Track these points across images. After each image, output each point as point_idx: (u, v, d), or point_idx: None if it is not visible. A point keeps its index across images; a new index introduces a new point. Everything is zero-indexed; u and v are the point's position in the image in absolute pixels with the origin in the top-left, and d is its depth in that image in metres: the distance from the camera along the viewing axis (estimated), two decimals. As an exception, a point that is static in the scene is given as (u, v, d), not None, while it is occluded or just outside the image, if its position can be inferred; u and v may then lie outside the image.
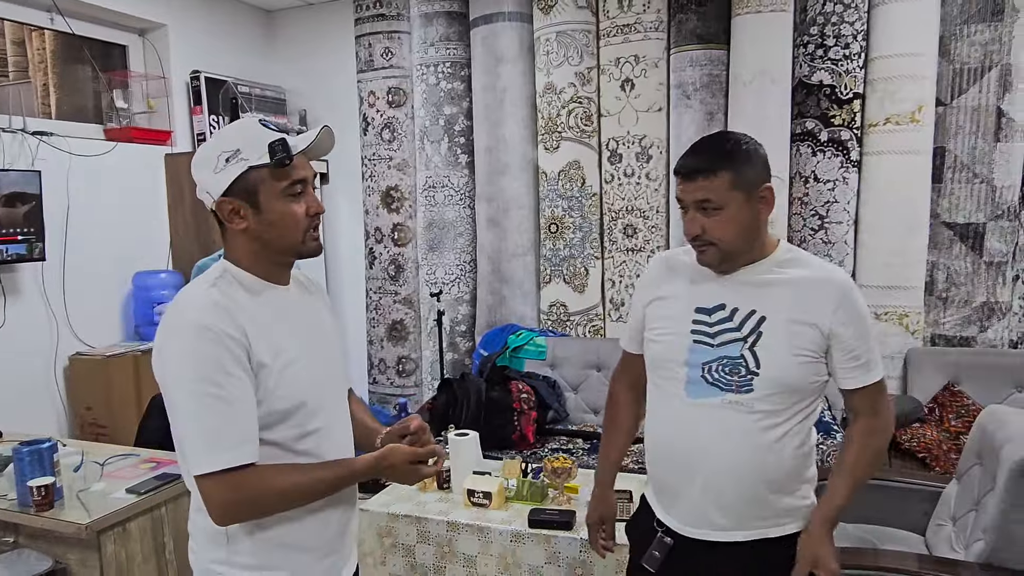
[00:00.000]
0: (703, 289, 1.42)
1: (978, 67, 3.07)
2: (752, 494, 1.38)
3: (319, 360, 1.26)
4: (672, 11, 3.49)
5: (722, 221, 1.34)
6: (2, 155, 3.06)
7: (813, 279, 1.37)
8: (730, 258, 1.38)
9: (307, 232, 1.21)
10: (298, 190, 1.19)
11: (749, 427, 1.35)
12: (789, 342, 1.34)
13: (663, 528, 1.49)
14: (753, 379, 1.35)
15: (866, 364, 1.38)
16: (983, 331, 3.18)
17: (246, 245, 1.20)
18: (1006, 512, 1.82)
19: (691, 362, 1.40)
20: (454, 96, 3.98)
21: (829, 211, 3.29)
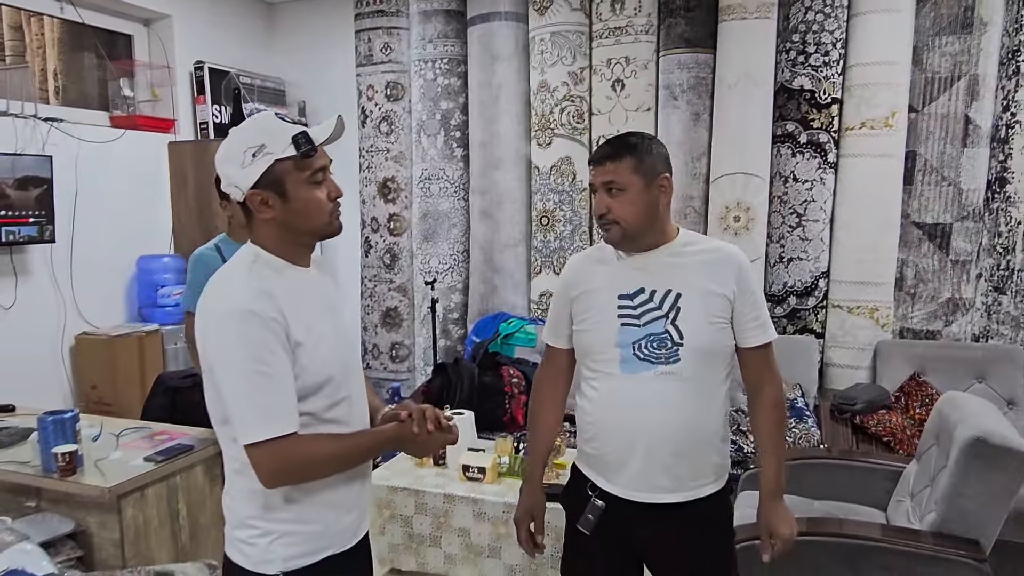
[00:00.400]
0: (621, 278, 1.58)
1: (948, 76, 3.25)
2: (689, 454, 1.54)
3: (340, 335, 1.37)
4: (662, 15, 3.65)
5: (625, 202, 1.52)
6: (15, 140, 3.16)
7: (715, 255, 1.57)
8: (632, 238, 1.55)
9: (331, 214, 1.31)
10: (320, 178, 1.28)
11: (680, 393, 1.52)
12: (705, 311, 1.52)
13: (596, 492, 1.61)
14: (679, 350, 1.51)
15: (763, 324, 1.59)
16: (948, 325, 3.38)
17: (274, 231, 1.29)
18: (956, 485, 2.00)
19: (621, 343, 1.54)
20: (451, 92, 4.12)
21: (807, 209, 3.46)
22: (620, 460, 1.57)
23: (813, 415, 3.18)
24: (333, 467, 1.29)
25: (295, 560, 1.29)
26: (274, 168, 1.24)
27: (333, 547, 1.33)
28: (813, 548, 2.05)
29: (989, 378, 3.18)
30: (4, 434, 2.48)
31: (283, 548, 1.29)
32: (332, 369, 1.30)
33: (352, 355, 1.44)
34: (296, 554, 1.29)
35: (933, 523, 2.03)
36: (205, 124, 4.09)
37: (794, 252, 3.50)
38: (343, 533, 1.36)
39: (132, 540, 2.18)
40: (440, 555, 2.55)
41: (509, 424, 3.39)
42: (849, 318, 3.47)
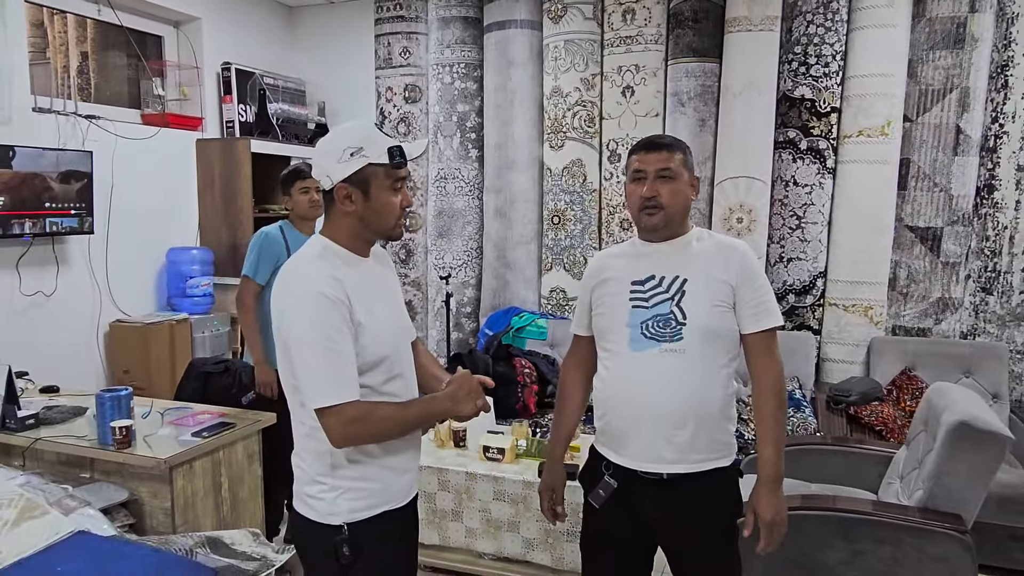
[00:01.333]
0: (634, 266, 1.73)
1: (941, 89, 3.45)
2: (690, 426, 1.65)
3: (395, 318, 1.55)
4: (671, 26, 3.84)
5: (673, 190, 1.67)
6: (58, 135, 3.33)
7: (721, 247, 1.72)
8: (669, 226, 1.70)
9: (398, 219, 1.49)
10: (399, 186, 1.47)
11: (683, 369, 1.65)
12: (708, 295, 1.66)
13: (609, 471, 1.75)
14: (682, 329, 1.65)
15: (767, 310, 1.69)
16: (938, 323, 3.57)
17: (349, 225, 1.47)
18: (941, 465, 2.19)
19: (631, 323, 1.69)
20: (467, 95, 4.30)
21: (806, 212, 3.66)
22: (628, 432, 1.71)
23: (810, 406, 3.37)
24: (393, 428, 1.44)
25: (358, 513, 1.46)
26: (365, 169, 1.42)
27: (390, 503, 1.51)
28: (808, 521, 2.23)
29: (976, 373, 3.38)
30: (56, 412, 2.65)
31: (348, 502, 1.45)
32: (388, 348, 1.47)
33: (405, 336, 1.60)
34: (359, 507, 1.46)
35: (920, 499, 2.22)
36: (231, 122, 4.26)
37: (793, 252, 3.69)
38: (399, 492, 1.53)
39: (181, 509, 2.35)
40: (462, 529, 2.72)
41: (521, 412, 3.57)
42: (845, 316, 3.66)
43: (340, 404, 1.35)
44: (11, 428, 2.48)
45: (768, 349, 1.72)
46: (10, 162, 3.03)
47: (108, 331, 3.62)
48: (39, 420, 2.54)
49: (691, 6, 3.73)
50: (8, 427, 2.48)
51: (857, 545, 2.19)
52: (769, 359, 1.72)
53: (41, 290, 3.29)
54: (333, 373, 1.36)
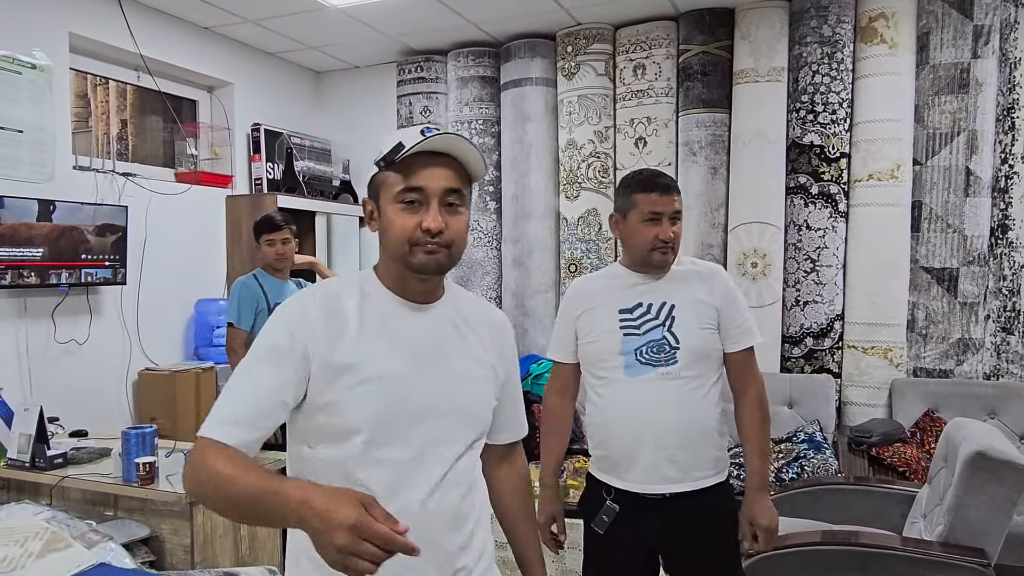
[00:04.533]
0: (620, 296, 1.81)
1: (948, 132, 3.51)
2: (692, 445, 1.74)
3: (421, 393, 1.12)
4: (680, 79, 3.98)
5: (679, 230, 1.80)
6: (95, 191, 3.51)
7: (702, 272, 1.83)
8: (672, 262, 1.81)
9: (412, 244, 1.11)
10: (411, 198, 1.11)
11: (679, 391, 1.73)
12: (696, 319, 1.76)
13: (611, 496, 1.79)
14: (676, 352, 1.73)
15: (747, 330, 1.81)
16: (960, 364, 3.54)
17: (381, 251, 1.18)
18: (960, 498, 2.16)
19: (624, 351, 1.75)
20: (485, 149, 4.45)
21: (820, 256, 3.69)
22: (630, 456, 1.75)
23: (831, 448, 3.33)
24: (217, 492, 0.98)
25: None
26: (378, 176, 1.16)
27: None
28: (827, 557, 2.20)
29: (1000, 414, 3.32)
30: (83, 452, 2.73)
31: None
32: (370, 419, 1.08)
33: (438, 427, 1.14)
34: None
35: (941, 534, 2.18)
36: (259, 180, 4.44)
37: (809, 296, 3.71)
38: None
39: (200, 546, 2.39)
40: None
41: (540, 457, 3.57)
42: (864, 358, 3.64)
43: (204, 438, 1.02)
44: (40, 467, 2.56)
45: (750, 365, 1.84)
46: (50, 216, 3.19)
47: (137, 379, 3.72)
48: (67, 459, 2.62)
49: (699, 60, 3.87)
50: (37, 466, 2.56)
51: (877, 580, 2.15)
52: (752, 374, 1.84)
53: (74, 338, 3.41)
54: (226, 404, 1.06)
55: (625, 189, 1.84)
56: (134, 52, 3.69)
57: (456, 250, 1.15)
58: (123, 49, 3.67)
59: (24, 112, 3.21)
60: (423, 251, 1.11)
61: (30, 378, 3.19)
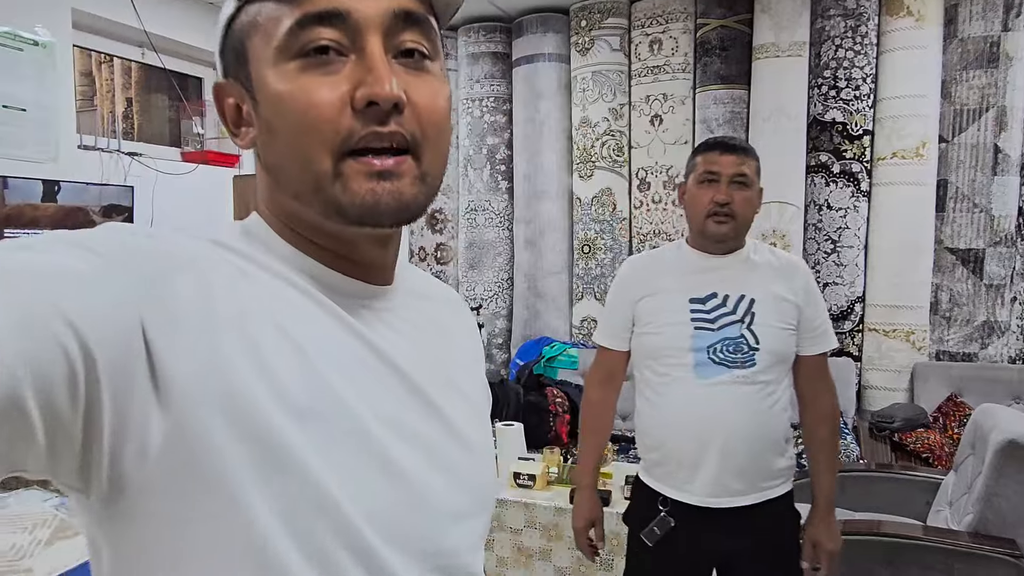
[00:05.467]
0: (692, 281, 1.59)
1: (976, 108, 3.39)
2: (760, 456, 1.56)
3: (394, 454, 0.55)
4: (698, 55, 3.86)
5: (747, 198, 1.55)
6: (100, 171, 3.44)
7: (783, 264, 1.62)
8: (737, 236, 1.58)
9: (341, 151, 0.52)
10: (320, 41, 0.52)
11: (754, 397, 1.54)
12: (778, 317, 1.56)
13: (666, 508, 1.60)
14: (755, 354, 1.53)
15: (827, 332, 1.64)
16: (984, 348, 3.45)
17: (267, 185, 0.60)
18: (990, 487, 2.09)
19: (696, 347, 1.55)
20: (496, 128, 4.35)
21: (841, 236, 3.59)
22: (692, 465, 1.56)
23: (851, 433, 3.26)
24: None
25: None
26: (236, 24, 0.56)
27: None
28: (851, 547, 2.14)
29: (1026, 399, 3.25)
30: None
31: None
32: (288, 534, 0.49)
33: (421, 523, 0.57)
34: None
35: (970, 524, 2.12)
36: (267, 159, 4.37)
37: (829, 277, 3.62)
38: None
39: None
40: (492, 558, 2.67)
41: (553, 441, 3.52)
42: (885, 341, 3.56)
43: None
44: (48, 452, 2.52)
45: (824, 372, 1.66)
46: (55, 196, 3.14)
47: (145, 362, 3.68)
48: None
49: (718, 34, 3.75)
50: (45, 451, 2.52)
51: (904, 572, 2.09)
52: (825, 382, 1.66)
53: (82, 321, 3.37)
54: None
55: (692, 154, 1.65)
56: (138, 28, 3.60)
57: (435, 155, 0.56)
58: (127, 25, 3.59)
59: (27, 90, 3.14)
60: (365, 170, 0.52)
61: (38, 361, 3.15)
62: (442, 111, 0.57)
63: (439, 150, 0.57)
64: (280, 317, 0.53)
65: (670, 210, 3.95)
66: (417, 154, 0.55)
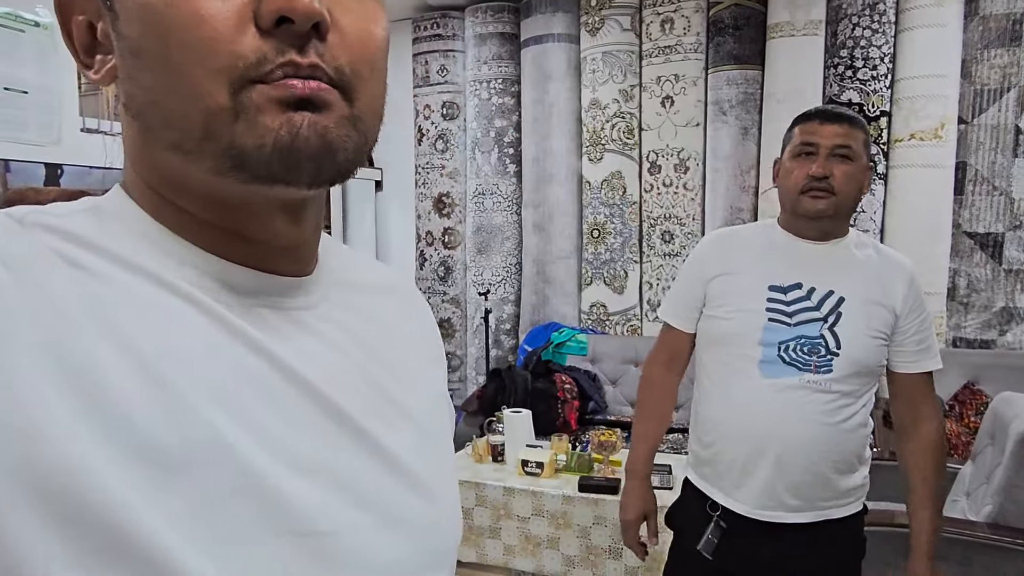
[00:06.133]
0: (775, 267, 1.42)
1: (997, 88, 3.30)
2: (821, 473, 1.39)
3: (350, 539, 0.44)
4: (711, 34, 3.77)
5: (850, 173, 1.36)
6: (104, 154, 3.40)
7: (887, 262, 1.43)
8: (836, 216, 1.40)
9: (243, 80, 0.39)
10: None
11: (824, 407, 1.37)
12: (867, 323, 1.38)
13: (717, 513, 1.47)
14: (833, 359, 1.36)
15: (930, 348, 1.44)
16: (1003, 335, 3.38)
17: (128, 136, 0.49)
18: (1011, 477, 2.03)
19: (766, 341, 1.39)
20: (504, 110, 4.29)
21: (856, 220, 3.51)
22: (742, 470, 1.42)
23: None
24: None
25: None
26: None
27: None
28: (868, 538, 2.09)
29: (1046, 387, 3.17)
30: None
31: None
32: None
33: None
34: None
35: (990, 515, 2.06)
36: (272, 143, 4.32)
37: (844, 262, 3.55)
38: None
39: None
40: (499, 546, 2.64)
41: (561, 428, 3.48)
42: (900, 327, 3.49)
43: None
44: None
45: (929, 394, 1.48)
46: (58, 180, 3.10)
47: (151, 347, 3.66)
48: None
49: (731, 13, 3.66)
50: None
51: (921, 564, 2.03)
52: (930, 405, 1.48)
53: (86, 306, 3.34)
54: None
55: (790, 125, 1.46)
56: (141, 9, 3.56)
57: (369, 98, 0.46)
58: (129, 6, 3.54)
59: (29, 73, 3.10)
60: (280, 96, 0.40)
61: (42, 346, 3.13)
62: (378, 42, 0.46)
63: (374, 92, 0.46)
64: (132, 330, 0.38)
65: (680, 193, 3.87)
66: (348, 94, 0.42)
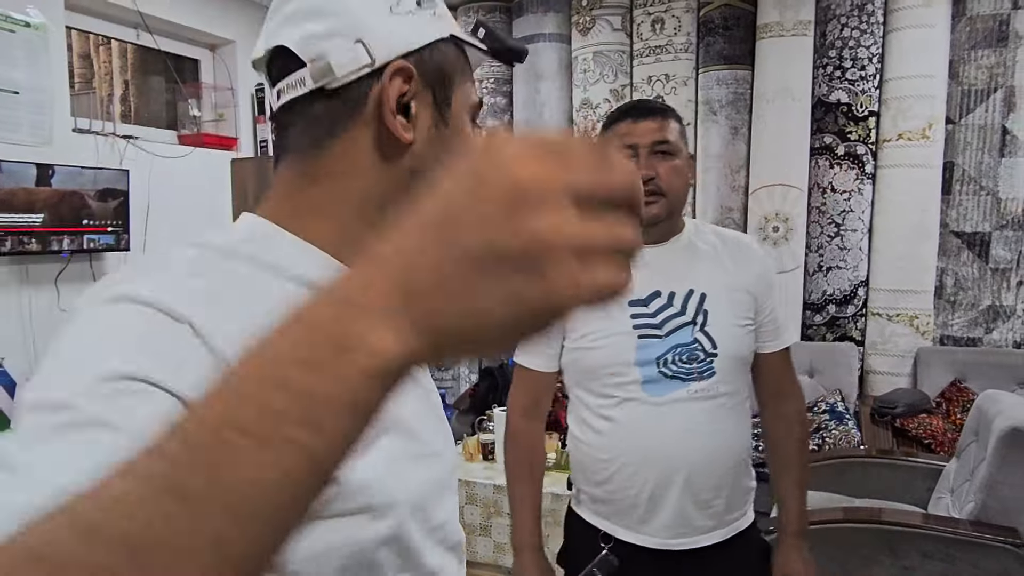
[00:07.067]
0: None
1: (984, 88, 3.33)
2: (729, 483, 1.34)
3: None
4: (701, 34, 3.79)
5: (675, 168, 1.29)
6: (96, 155, 3.41)
7: (733, 246, 1.39)
8: (670, 216, 1.33)
9: None
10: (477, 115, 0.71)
11: (716, 413, 1.31)
12: (734, 313, 1.33)
13: (609, 545, 1.35)
14: (713, 361, 1.30)
15: (784, 325, 1.42)
16: (989, 332, 3.41)
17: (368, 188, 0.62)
18: (993, 475, 2.06)
19: (642, 360, 1.30)
20: (497, 110, 4.30)
21: (845, 219, 3.54)
22: (650, 502, 1.32)
23: (853, 418, 3.24)
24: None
25: None
26: (444, 49, 0.64)
27: None
28: (852, 536, 2.12)
29: (1031, 384, 3.21)
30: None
31: None
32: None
33: None
34: None
35: (972, 512, 2.10)
36: (264, 142, 4.32)
37: (833, 261, 3.58)
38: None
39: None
40: (490, 544, 2.66)
41: (552, 426, 3.50)
42: (889, 325, 3.52)
43: None
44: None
45: (789, 371, 1.45)
46: (49, 180, 3.10)
47: (144, 347, 3.66)
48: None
49: (721, 13, 3.68)
50: (40, 437, 2.51)
51: (905, 561, 2.07)
52: (791, 383, 1.45)
53: (79, 306, 3.35)
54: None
55: (603, 126, 1.38)
56: (132, 9, 3.55)
57: None
58: (121, 6, 3.54)
59: (20, 73, 3.10)
60: None
61: (33, 347, 3.13)
62: None
63: None
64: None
65: (672, 193, 3.89)
66: None
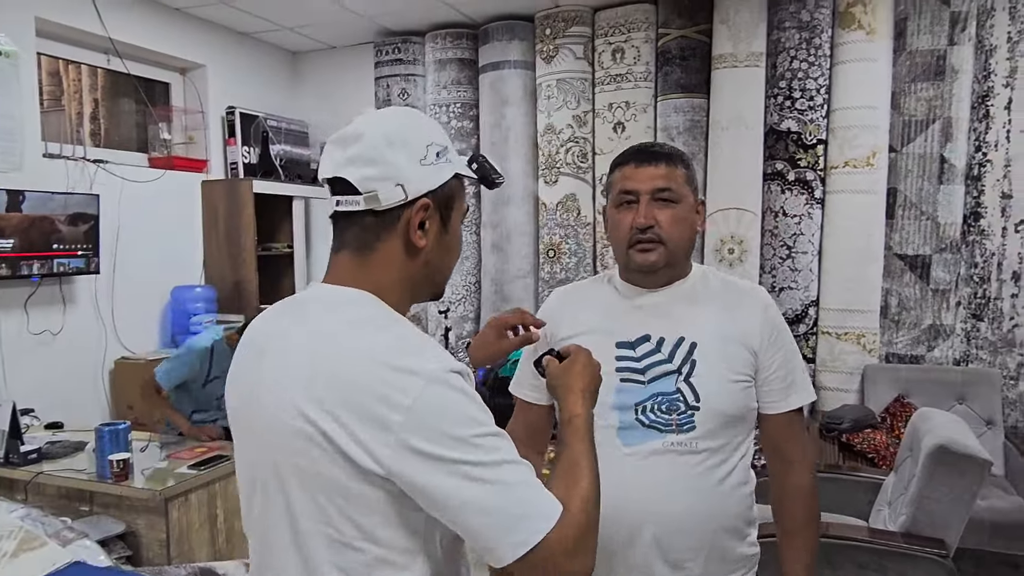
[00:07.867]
0: (621, 321, 1.29)
1: (924, 119, 3.51)
2: (708, 547, 1.24)
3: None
4: (659, 64, 3.95)
5: (676, 217, 1.24)
6: (66, 179, 3.45)
7: (733, 294, 1.31)
8: (670, 266, 1.28)
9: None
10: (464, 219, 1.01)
11: (695, 470, 1.23)
12: (727, 367, 1.25)
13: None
14: (694, 415, 1.22)
15: (793, 384, 1.29)
16: (931, 350, 3.59)
17: (402, 273, 0.93)
18: (922, 489, 2.21)
19: (620, 404, 1.24)
20: (463, 133, 4.41)
21: (796, 242, 3.71)
22: (613, 559, 1.25)
23: (803, 434, 3.38)
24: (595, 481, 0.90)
25: None
26: (451, 183, 0.94)
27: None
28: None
29: (969, 399, 3.38)
30: (58, 447, 2.73)
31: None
32: None
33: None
34: None
35: (903, 524, 2.24)
36: (235, 164, 4.39)
37: (785, 282, 3.74)
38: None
39: (176, 540, 2.41)
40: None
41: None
42: (838, 344, 3.69)
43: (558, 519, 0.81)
44: (14, 463, 2.56)
45: (798, 434, 1.33)
46: (20, 206, 3.15)
47: (113, 368, 3.70)
48: (41, 455, 2.62)
49: (678, 44, 3.84)
50: (12, 462, 2.56)
51: (840, 572, 2.20)
52: (800, 446, 1.33)
53: (48, 329, 3.39)
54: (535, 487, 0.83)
55: (610, 168, 1.34)
56: (103, 35, 3.61)
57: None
58: (92, 33, 3.60)
59: (-10, 99, 3.14)
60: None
61: (4, 370, 3.17)
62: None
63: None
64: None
65: (633, 216, 4.03)
66: None
